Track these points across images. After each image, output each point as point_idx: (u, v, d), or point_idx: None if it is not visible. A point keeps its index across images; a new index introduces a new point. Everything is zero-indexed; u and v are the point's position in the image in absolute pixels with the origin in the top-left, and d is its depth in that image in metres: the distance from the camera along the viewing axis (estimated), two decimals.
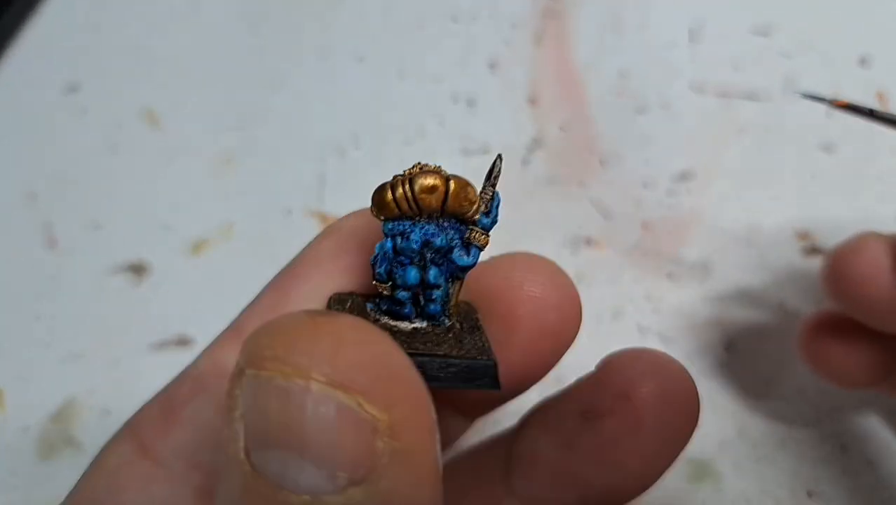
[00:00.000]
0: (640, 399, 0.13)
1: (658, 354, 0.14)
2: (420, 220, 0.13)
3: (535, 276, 0.14)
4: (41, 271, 0.28)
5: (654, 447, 0.14)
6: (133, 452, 0.13)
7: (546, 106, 0.29)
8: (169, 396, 0.13)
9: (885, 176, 0.27)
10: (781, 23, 0.29)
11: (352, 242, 0.14)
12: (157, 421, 0.13)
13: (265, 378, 0.09)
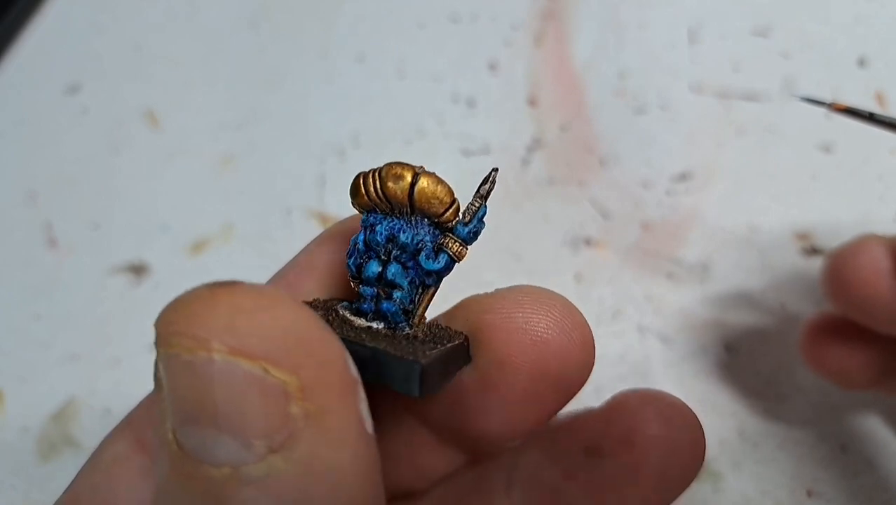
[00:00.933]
0: (644, 446, 0.13)
1: (668, 399, 0.13)
2: (392, 216, 0.13)
3: (541, 315, 0.12)
4: (41, 271, 0.28)
5: (655, 492, 0.13)
6: (129, 447, 0.13)
7: (546, 106, 0.29)
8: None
9: (885, 176, 0.27)
10: (780, 23, 0.29)
11: (345, 247, 0.14)
12: (153, 417, 0.13)
13: (173, 355, 0.09)
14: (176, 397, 0.09)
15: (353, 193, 0.13)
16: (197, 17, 0.31)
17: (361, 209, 0.13)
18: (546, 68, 0.29)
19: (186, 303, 0.09)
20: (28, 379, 0.27)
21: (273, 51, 0.30)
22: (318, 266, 0.14)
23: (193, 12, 0.31)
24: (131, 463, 0.13)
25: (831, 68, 0.29)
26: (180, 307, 0.09)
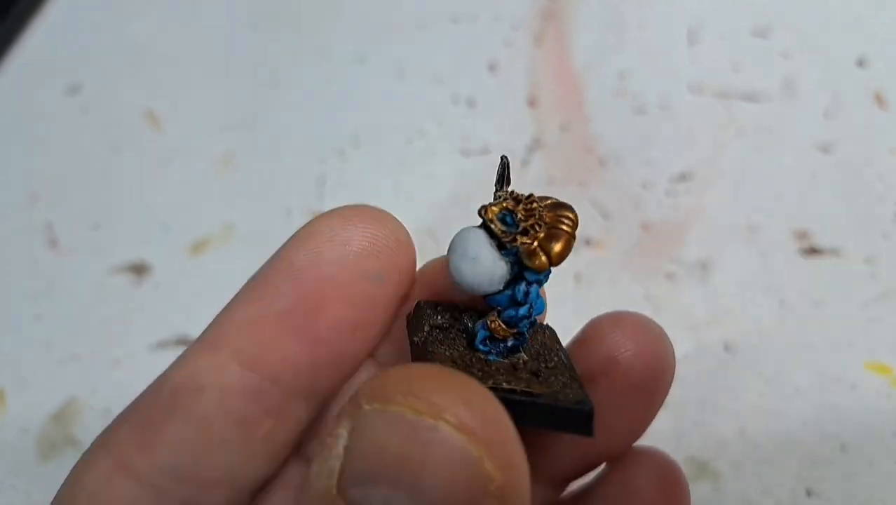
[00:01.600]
0: (628, 360, 0.14)
1: (637, 317, 0.15)
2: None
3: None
4: (42, 271, 0.28)
5: (641, 405, 0.14)
6: (112, 470, 0.12)
7: (546, 107, 0.29)
8: (144, 414, 0.13)
9: (885, 176, 0.27)
10: (780, 24, 0.29)
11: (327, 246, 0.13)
12: (136, 440, 0.13)
13: (392, 413, 0.09)
14: (372, 454, 0.09)
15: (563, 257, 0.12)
16: (197, 18, 0.31)
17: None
18: (546, 68, 0.29)
19: (419, 372, 0.10)
20: (29, 379, 0.27)
21: (273, 51, 0.30)
22: (299, 268, 0.13)
23: (194, 13, 0.31)
24: (118, 487, 0.12)
25: (831, 69, 0.29)
26: (411, 374, 0.10)
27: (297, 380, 0.13)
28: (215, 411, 0.12)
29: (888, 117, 0.28)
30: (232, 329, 0.13)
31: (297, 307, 0.13)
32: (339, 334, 0.13)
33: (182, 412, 0.12)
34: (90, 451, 0.13)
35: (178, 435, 0.12)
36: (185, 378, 0.13)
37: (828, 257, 0.26)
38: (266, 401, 0.13)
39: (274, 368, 0.13)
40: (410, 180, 0.28)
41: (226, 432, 0.12)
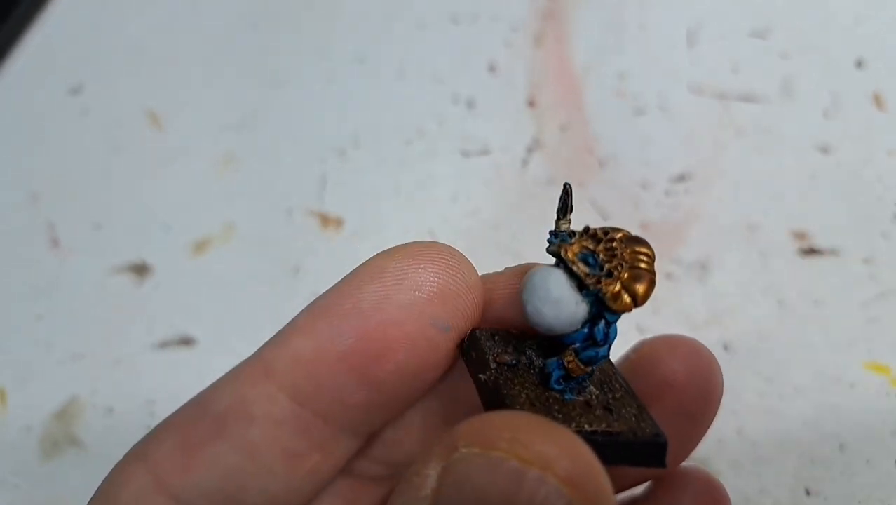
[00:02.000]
0: (681, 385, 0.14)
1: (690, 341, 0.15)
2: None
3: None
4: (44, 271, 0.28)
5: (691, 428, 0.14)
6: (151, 488, 0.12)
7: (545, 107, 0.29)
8: (187, 433, 0.13)
9: (884, 176, 0.27)
10: (779, 25, 0.29)
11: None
12: (176, 458, 0.12)
13: (496, 459, 0.09)
14: (469, 498, 0.09)
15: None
16: (198, 19, 0.31)
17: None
18: (546, 69, 0.30)
19: (525, 420, 0.10)
20: (30, 378, 0.27)
21: (274, 51, 0.31)
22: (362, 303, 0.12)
23: (195, 13, 0.31)
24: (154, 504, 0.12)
25: (829, 70, 0.29)
26: (519, 421, 0.10)
27: (349, 418, 0.13)
28: (264, 441, 0.12)
29: (887, 118, 0.28)
30: (288, 361, 0.13)
31: (359, 350, 0.12)
32: (399, 379, 0.13)
33: (230, 438, 0.12)
34: (126, 462, 0.13)
35: (224, 459, 0.12)
36: (235, 403, 0.12)
37: (827, 257, 0.26)
38: (315, 436, 0.13)
39: (327, 407, 0.13)
40: (410, 180, 0.28)
41: (272, 462, 0.12)
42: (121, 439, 0.27)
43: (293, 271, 0.27)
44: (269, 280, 0.27)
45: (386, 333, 0.12)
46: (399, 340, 0.12)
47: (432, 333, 0.13)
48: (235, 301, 0.27)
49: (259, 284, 0.27)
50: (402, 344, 0.12)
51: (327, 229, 0.28)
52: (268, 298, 0.27)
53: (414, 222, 0.28)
